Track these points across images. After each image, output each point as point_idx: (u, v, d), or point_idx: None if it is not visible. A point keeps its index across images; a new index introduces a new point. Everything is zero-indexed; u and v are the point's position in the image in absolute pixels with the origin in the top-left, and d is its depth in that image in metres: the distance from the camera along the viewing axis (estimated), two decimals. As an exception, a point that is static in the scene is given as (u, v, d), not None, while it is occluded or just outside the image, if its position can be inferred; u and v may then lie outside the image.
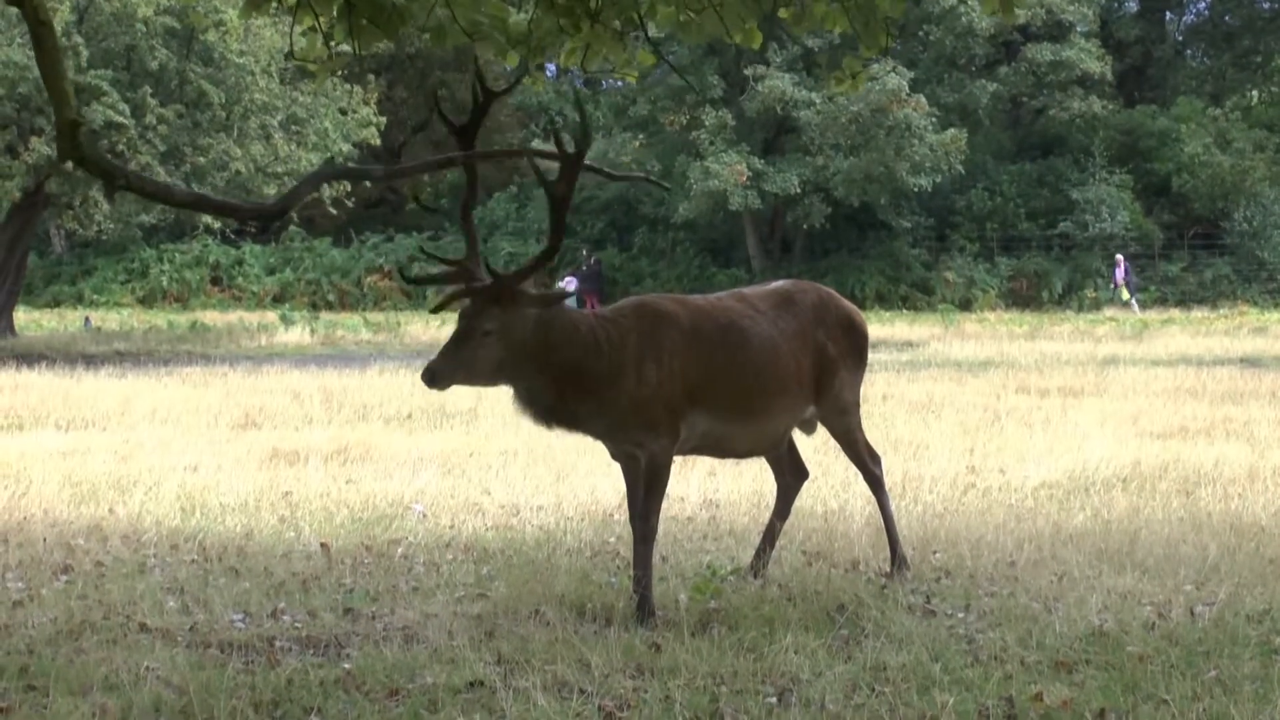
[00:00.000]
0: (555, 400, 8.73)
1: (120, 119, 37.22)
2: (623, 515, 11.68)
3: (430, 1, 7.86)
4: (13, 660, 7.77)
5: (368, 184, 43.97)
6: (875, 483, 10.08)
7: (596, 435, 9.12)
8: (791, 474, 10.07)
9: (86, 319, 48.30)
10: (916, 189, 56.42)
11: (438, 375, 8.44)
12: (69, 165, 34.79)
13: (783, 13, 9.80)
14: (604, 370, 8.72)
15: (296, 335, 40.29)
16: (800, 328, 9.55)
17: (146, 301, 62.06)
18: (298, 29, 8.83)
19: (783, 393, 9.41)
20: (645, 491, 8.93)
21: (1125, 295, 55.08)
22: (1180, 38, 73.70)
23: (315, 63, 10.67)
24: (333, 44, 8.68)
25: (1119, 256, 56.62)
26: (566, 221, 8.62)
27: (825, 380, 9.66)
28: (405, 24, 8.04)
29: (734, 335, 9.21)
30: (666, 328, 8.97)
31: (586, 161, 8.92)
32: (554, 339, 8.62)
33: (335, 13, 8.21)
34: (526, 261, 8.74)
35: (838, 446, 10.30)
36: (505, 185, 64.59)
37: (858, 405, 10.09)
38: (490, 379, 8.71)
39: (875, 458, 10.15)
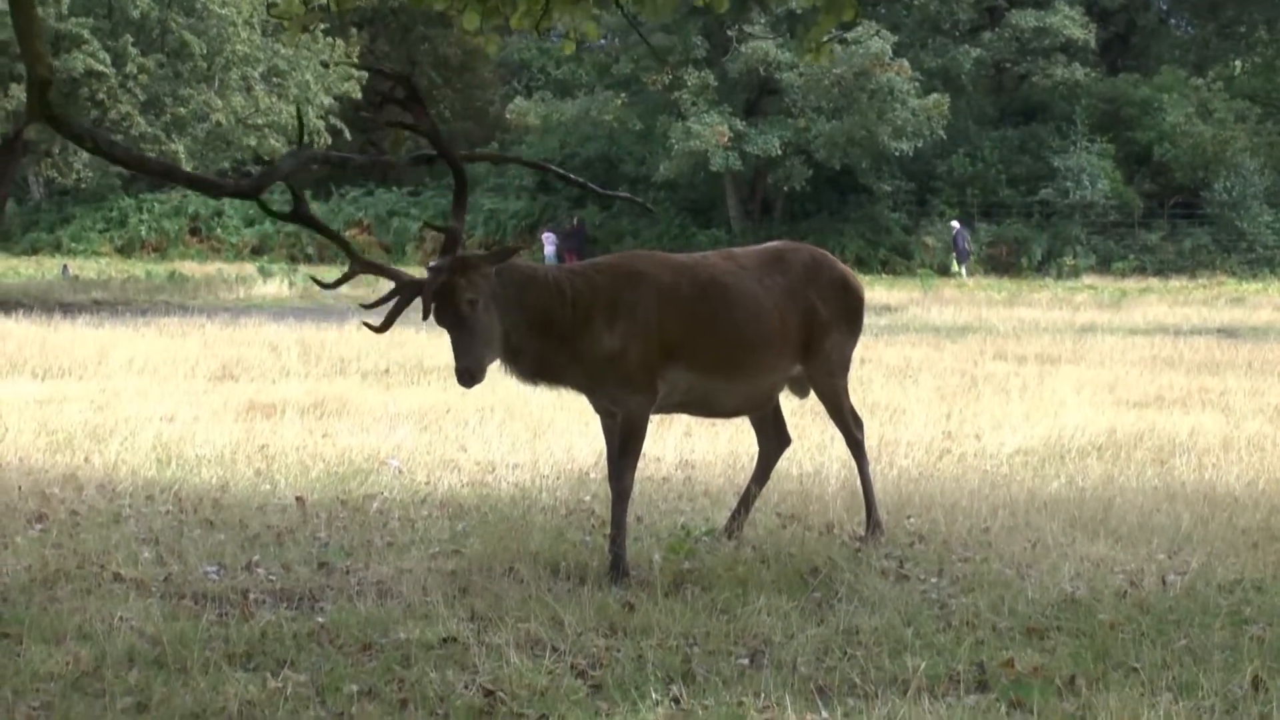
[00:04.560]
0: (537, 350, 8.73)
1: (100, 67, 37.09)
2: (598, 474, 11.70)
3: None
4: (-14, 608, 7.78)
5: (348, 136, 43.88)
6: (856, 447, 10.08)
7: (578, 388, 9.14)
8: (775, 440, 10.07)
9: (65, 267, 48.18)
10: (898, 153, 56.42)
11: (471, 370, 8.44)
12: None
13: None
14: (569, 317, 8.73)
15: (275, 288, 40.23)
16: (789, 286, 9.53)
17: (125, 251, 61.95)
18: (280, -19, 8.78)
19: (768, 350, 9.40)
20: (620, 449, 8.95)
21: (955, 266, 55.29)
22: (1165, 6, 73.63)
23: (291, 19, 10.61)
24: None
25: (954, 223, 56.77)
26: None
27: (815, 340, 9.65)
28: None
29: (715, 291, 9.20)
30: (640, 284, 8.98)
31: (575, 176, 8.94)
32: (518, 287, 8.63)
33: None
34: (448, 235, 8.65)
35: (814, 410, 10.30)
36: (486, 142, 64.38)
37: (847, 369, 10.08)
38: (508, 346, 8.65)
39: (859, 422, 10.14)
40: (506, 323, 8.61)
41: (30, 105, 7.79)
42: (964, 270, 55.34)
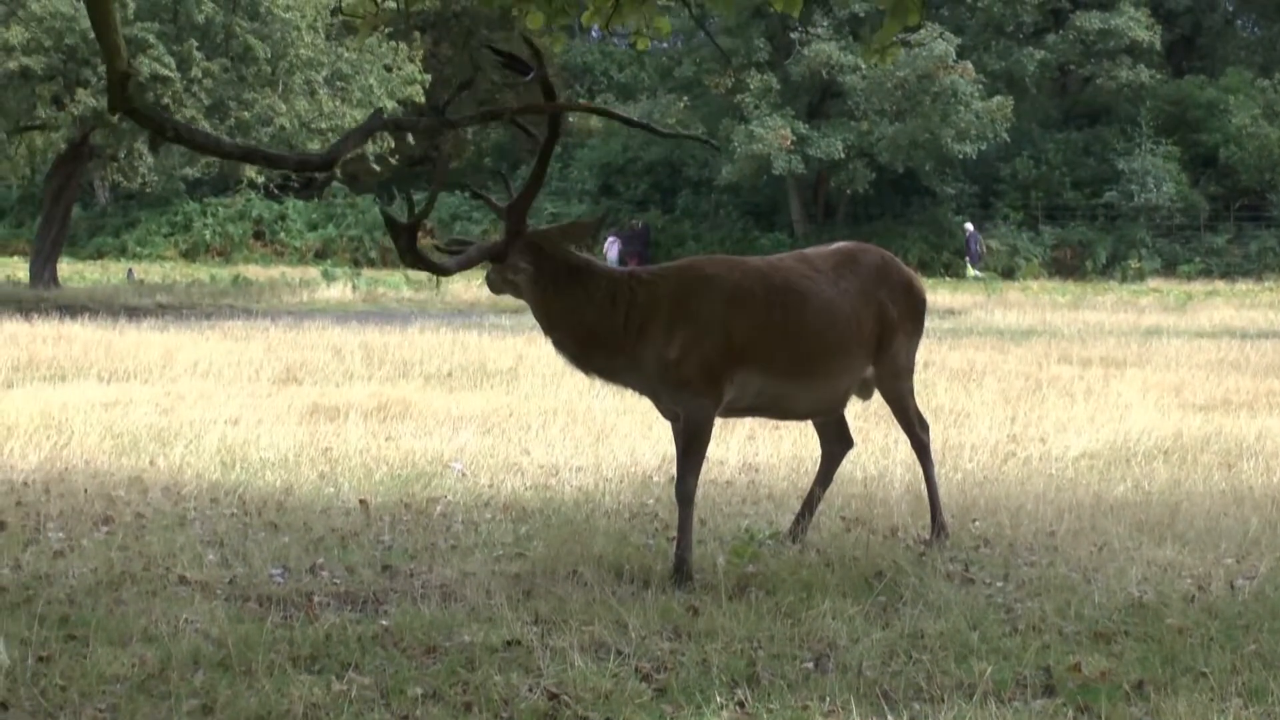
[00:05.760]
0: (578, 351, 8.86)
1: (166, 72, 37.24)
2: (661, 477, 11.70)
3: (477, -40, 7.88)
4: (53, 609, 7.81)
5: (411, 140, 43.94)
6: (922, 449, 10.05)
7: (639, 391, 9.20)
8: (837, 442, 10.03)
9: (130, 271, 48.46)
10: (961, 156, 56.20)
11: (489, 283, 9.04)
12: (116, 117, 34.94)
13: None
14: (621, 329, 8.77)
15: (338, 291, 40.40)
16: (862, 287, 9.52)
17: (189, 255, 62.31)
18: (348, -16, 8.83)
19: (843, 352, 9.39)
20: (682, 452, 8.94)
21: (970, 271, 54.91)
22: (1230, 7, 73.09)
23: (362, 18, 10.67)
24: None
25: (968, 225, 56.46)
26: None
27: (884, 341, 9.63)
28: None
29: (789, 296, 9.18)
30: (707, 290, 8.97)
31: (638, 119, 9.04)
32: (562, 302, 8.73)
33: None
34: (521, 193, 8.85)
35: (879, 413, 10.27)
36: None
37: (912, 371, 10.06)
38: (551, 338, 9.04)
39: (924, 425, 10.11)
40: (548, 311, 8.81)
41: (111, 98, 7.82)
42: (978, 272, 55.12)
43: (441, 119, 8.81)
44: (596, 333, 8.78)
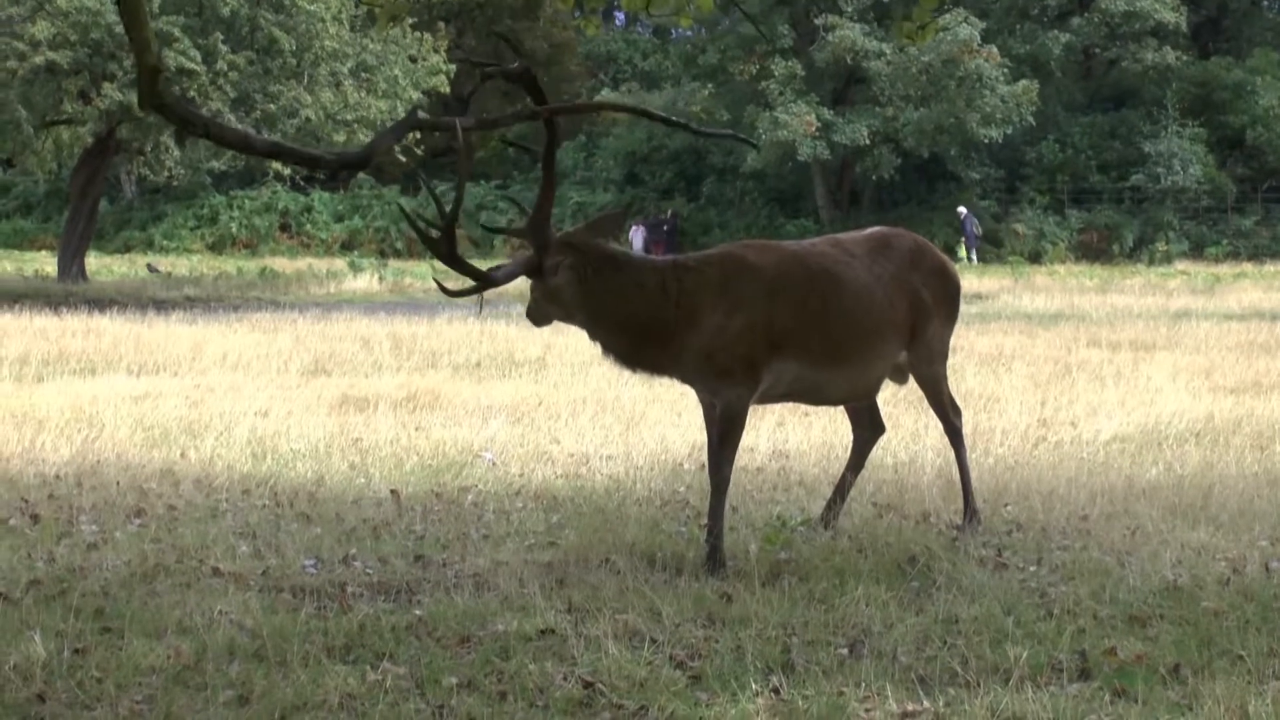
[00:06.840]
0: (629, 349, 8.82)
1: (191, 65, 37.32)
2: (692, 465, 11.69)
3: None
4: (88, 602, 7.82)
5: (436, 133, 43.95)
6: (955, 435, 10.01)
7: (681, 380, 9.19)
8: (869, 428, 10.01)
9: (150, 265, 48.52)
10: (987, 140, 56.13)
11: (530, 317, 9.03)
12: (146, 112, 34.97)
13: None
14: (672, 318, 8.74)
15: (365, 282, 40.42)
16: (896, 272, 9.49)
17: (216, 248, 62.51)
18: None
19: (879, 338, 9.36)
20: (718, 440, 8.93)
21: (961, 253, 54.60)
22: (1256, -12, 72.89)
23: (381, 7, 10.65)
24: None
25: (961, 209, 56.19)
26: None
27: (918, 326, 9.59)
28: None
29: (826, 282, 9.16)
30: (747, 277, 8.93)
31: (675, 118, 9.02)
32: (611, 295, 8.68)
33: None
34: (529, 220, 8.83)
35: (908, 399, 10.24)
36: (574, 135, 64.52)
37: (946, 356, 10.03)
38: (572, 322, 9.00)
39: (957, 410, 10.08)
40: (588, 323, 8.82)
41: (141, 92, 7.78)
42: (974, 255, 54.95)
43: (479, 120, 8.77)
44: (647, 324, 8.73)
